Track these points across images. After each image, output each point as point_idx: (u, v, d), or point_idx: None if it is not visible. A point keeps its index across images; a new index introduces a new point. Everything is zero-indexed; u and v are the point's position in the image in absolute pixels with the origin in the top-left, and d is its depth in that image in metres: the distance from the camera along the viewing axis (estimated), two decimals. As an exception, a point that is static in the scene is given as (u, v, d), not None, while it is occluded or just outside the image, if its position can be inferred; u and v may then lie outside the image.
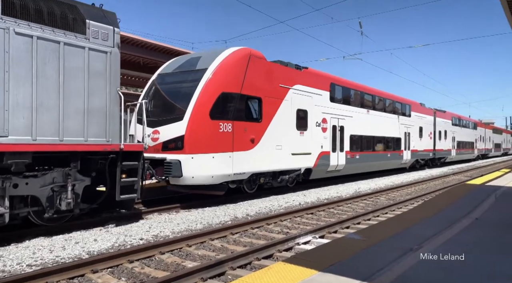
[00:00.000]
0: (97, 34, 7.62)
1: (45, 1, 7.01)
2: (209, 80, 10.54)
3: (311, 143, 14.29)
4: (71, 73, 7.18)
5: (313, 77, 14.75)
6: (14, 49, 6.46)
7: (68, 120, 7.12)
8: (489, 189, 11.50)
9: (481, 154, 46.77)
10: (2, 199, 6.45)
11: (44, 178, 7.08)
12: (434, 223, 6.45)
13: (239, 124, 11.08)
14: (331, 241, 6.22)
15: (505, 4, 7.85)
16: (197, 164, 10.11)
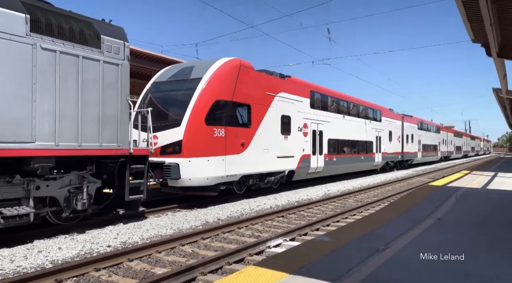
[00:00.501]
0: (110, 48, 8.32)
1: (66, 18, 7.68)
2: (204, 89, 11.30)
3: (294, 146, 15.20)
4: (88, 84, 7.85)
5: (295, 85, 15.72)
6: (40, 63, 7.06)
7: (85, 127, 7.78)
8: (450, 190, 12.02)
9: (444, 156, 49.19)
10: (26, 199, 7.04)
11: (62, 180, 7.68)
12: (400, 224, 6.67)
13: (231, 129, 11.90)
14: (301, 244, 6.30)
15: (463, 14, 8.28)
16: (194, 167, 10.81)
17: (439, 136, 44.81)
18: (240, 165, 12.26)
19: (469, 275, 4.06)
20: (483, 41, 10.38)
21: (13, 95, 6.72)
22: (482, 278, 4.01)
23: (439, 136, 45.10)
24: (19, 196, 7.00)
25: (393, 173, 27.15)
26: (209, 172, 11.18)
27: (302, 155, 15.80)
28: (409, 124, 32.57)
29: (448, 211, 8.02)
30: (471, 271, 4.20)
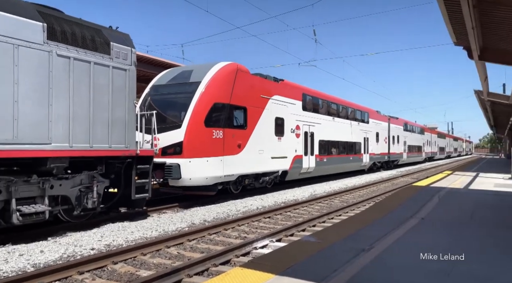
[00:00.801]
0: (118, 54, 8.77)
1: (78, 26, 8.11)
2: (203, 92, 11.75)
3: (287, 147, 15.75)
4: (98, 88, 8.28)
5: (288, 88, 16.28)
6: (56, 69, 7.51)
7: (96, 129, 8.21)
8: (433, 190, 12.23)
9: (428, 156, 50.27)
10: (41, 198, 7.44)
11: (74, 179, 8.10)
12: (385, 224, 6.75)
13: (228, 131, 12.36)
14: (287, 244, 6.31)
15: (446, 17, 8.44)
16: (194, 167, 11.24)
17: (423, 138, 45.83)
18: (237, 165, 12.73)
19: (450, 275, 4.13)
20: (465, 44, 10.59)
21: (32, 99, 7.14)
22: (464, 276, 4.09)
23: (424, 137, 46.14)
24: (35, 194, 7.37)
25: (378, 173, 27.48)
26: (208, 172, 11.61)
27: (295, 155, 16.31)
28: (395, 125, 33.33)
29: (431, 211, 8.15)
30: (453, 269, 4.27)
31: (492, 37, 10.04)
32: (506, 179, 17.18)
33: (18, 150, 6.93)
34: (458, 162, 52.64)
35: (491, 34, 9.77)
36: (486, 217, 7.64)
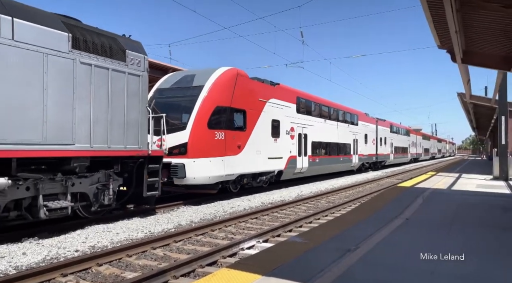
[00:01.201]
0: (133, 61, 9.39)
1: (98, 35, 8.73)
2: (206, 96, 12.43)
3: (283, 148, 16.46)
4: (115, 93, 8.88)
5: (283, 91, 17.00)
6: (79, 75, 8.08)
7: (113, 131, 8.81)
8: (417, 191, 12.43)
9: (413, 157, 51.51)
10: (64, 195, 8.06)
11: (92, 178, 8.72)
12: (370, 224, 6.82)
13: (229, 133, 13.03)
14: (274, 245, 6.32)
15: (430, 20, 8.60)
16: (198, 167, 11.89)
17: (409, 139, 46.98)
18: (237, 165, 13.40)
19: (434, 273, 4.21)
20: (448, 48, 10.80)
21: (58, 103, 7.71)
22: (447, 275, 4.16)
23: (409, 139, 47.33)
24: (58, 191, 7.97)
25: (364, 174, 27.78)
26: (211, 171, 12.27)
27: (289, 156, 17.03)
28: (383, 127, 34.31)
29: (416, 211, 8.28)
30: (436, 268, 4.35)
31: (474, 41, 10.26)
32: (488, 180, 17.57)
33: (46, 150, 7.48)
34: (441, 163, 53.61)
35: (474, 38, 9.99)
36: (469, 217, 7.80)
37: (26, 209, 7.52)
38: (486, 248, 5.33)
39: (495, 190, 13.20)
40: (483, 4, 7.28)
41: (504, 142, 17.02)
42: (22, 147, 7.09)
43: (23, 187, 7.29)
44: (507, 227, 6.86)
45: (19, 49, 7.10)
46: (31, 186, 7.40)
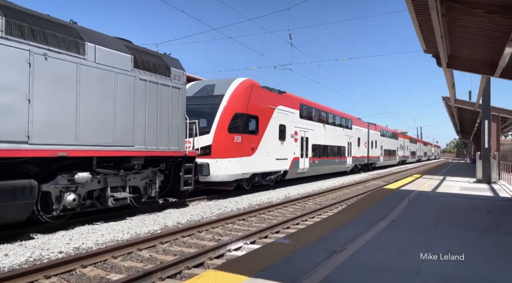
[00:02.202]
0: (175, 76, 11.11)
1: (150, 55, 10.54)
2: (226, 105, 14.27)
3: (288, 150, 18.24)
4: (162, 103, 10.61)
5: (289, 99, 18.80)
6: (138, 89, 9.82)
7: (161, 135, 10.50)
8: (403, 193, 12.59)
9: (401, 160, 53.54)
10: (123, 188, 9.73)
11: (143, 174, 10.38)
12: (356, 226, 6.89)
13: (245, 136, 14.85)
14: (261, 247, 6.33)
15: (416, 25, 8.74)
16: (220, 166, 13.64)
17: (397, 142, 48.98)
18: (251, 165, 15.20)
19: (419, 273, 4.27)
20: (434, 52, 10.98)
21: (124, 113, 9.41)
22: (432, 275, 4.23)
23: (397, 142, 49.34)
24: (119, 184, 9.64)
25: (350, 176, 28.08)
26: (230, 170, 14.02)
27: (293, 157, 18.82)
28: (373, 131, 36.24)
29: (401, 213, 8.39)
30: (421, 269, 4.42)
31: (459, 46, 10.46)
32: (471, 183, 17.91)
33: (116, 150, 9.22)
34: (426, 165, 54.47)
35: (459, 43, 10.19)
36: (453, 219, 7.94)
37: (96, 199, 9.25)
38: (470, 249, 5.43)
39: (478, 192, 13.47)
40: (468, 9, 7.43)
41: (487, 145, 17.37)
42: (100, 148, 8.81)
43: (96, 180, 9.03)
44: (490, 228, 7.00)
45: (99, 70, 8.84)
46: (101, 180, 9.18)
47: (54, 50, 7.86)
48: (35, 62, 7.51)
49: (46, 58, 7.71)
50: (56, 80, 7.91)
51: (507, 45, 8.08)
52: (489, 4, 7.26)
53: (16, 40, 7.22)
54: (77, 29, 8.70)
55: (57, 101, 7.92)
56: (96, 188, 9.08)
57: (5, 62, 7.09)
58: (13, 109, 7.16)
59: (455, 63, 11.56)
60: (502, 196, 12.62)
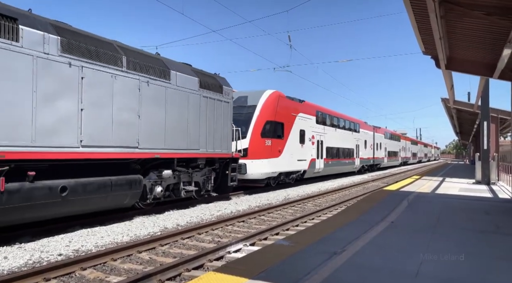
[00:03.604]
0: (226, 93, 13.63)
1: (208, 76, 13.01)
2: (259, 114, 16.95)
3: (306, 152, 20.86)
4: (217, 115, 13.11)
5: (307, 107, 21.41)
6: (202, 105, 12.36)
7: (216, 140, 12.99)
8: (402, 195, 12.60)
9: (403, 161, 55.82)
10: (189, 182, 12.15)
11: (202, 171, 12.79)
12: (356, 227, 6.89)
13: (274, 140, 17.44)
14: (261, 248, 6.32)
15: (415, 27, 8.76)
16: (254, 166, 16.27)
17: (399, 144, 51.34)
18: (278, 165, 17.78)
19: (419, 275, 4.27)
20: (433, 54, 11.01)
21: (193, 124, 11.94)
22: (431, 277, 4.23)
23: (400, 144, 51.72)
24: (187, 180, 12.10)
25: (350, 178, 28.16)
26: (262, 169, 16.62)
27: (311, 158, 21.43)
28: (378, 134, 39.03)
29: (400, 215, 8.39)
30: (420, 271, 4.42)
31: (458, 48, 10.48)
32: (470, 184, 17.92)
33: (189, 153, 11.76)
34: (426, 167, 54.55)
35: (457, 45, 10.21)
36: (452, 220, 7.94)
37: (172, 191, 11.63)
38: (469, 250, 5.43)
39: (477, 193, 13.48)
40: (466, 11, 7.46)
41: (486, 147, 17.39)
42: (178, 151, 11.32)
43: (173, 176, 11.41)
44: (489, 230, 7.00)
45: (179, 91, 11.36)
46: (177, 176, 11.60)
47: (153, 78, 10.42)
48: (141, 88, 10.05)
49: (148, 84, 10.27)
50: (153, 101, 10.40)
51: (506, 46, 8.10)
52: (487, 6, 7.28)
53: (132, 72, 9.74)
54: (163, 60, 11.21)
55: (153, 116, 10.41)
56: (173, 182, 11.58)
57: (126, 89, 9.55)
58: (130, 123, 9.67)
59: (454, 65, 11.59)
60: (501, 197, 12.63)
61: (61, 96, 7.98)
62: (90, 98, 8.58)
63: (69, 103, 8.14)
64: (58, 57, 7.96)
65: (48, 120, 7.69)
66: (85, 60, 8.51)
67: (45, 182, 7.59)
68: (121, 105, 9.37)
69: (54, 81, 7.85)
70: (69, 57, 8.16)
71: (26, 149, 7.25)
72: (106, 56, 9.05)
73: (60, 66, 7.98)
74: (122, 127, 9.38)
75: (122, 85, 9.40)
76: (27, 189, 7.25)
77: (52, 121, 7.77)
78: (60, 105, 7.96)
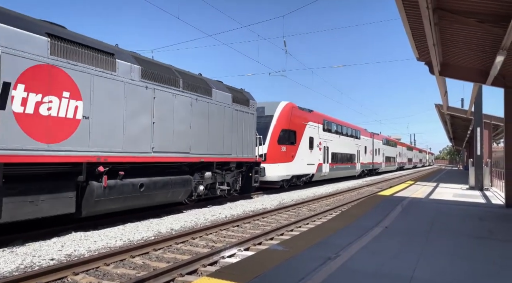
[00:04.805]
0: (251, 105, 15.96)
1: (237, 92, 15.27)
2: (276, 123, 19.26)
3: (315, 157, 23.16)
4: (245, 125, 15.37)
5: (315, 116, 23.76)
6: (234, 117, 14.60)
7: (243, 146, 15.13)
8: (396, 200, 12.64)
9: (400, 166, 57.93)
10: (222, 183, 14.17)
11: (232, 173, 14.87)
12: (350, 232, 6.89)
13: (288, 146, 19.66)
14: (255, 253, 6.29)
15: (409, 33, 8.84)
16: (272, 169, 18.42)
17: (396, 150, 53.42)
18: (291, 169, 19.94)
19: (412, 280, 4.27)
20: (426, 60, 11.09)
21: (228, 133, 14.12)
22: (426, 282, 4.24)
23: (396, 150, 53.79)
24: (221, 180, 14.13)
25: (343, 183, 28.20)
26: (279, 172, 18.79)
27: (318, 163, 23.72)
28: (377, 140, 41.18)
29: (395, 220, 8.41)
30: (415, 275, 4.42)
31: (451, 54, 10.59)
32: (464, 190, 18.02)
33: (224, 157, 13.95)
34: (420, 172, 54.83)
35: (451, 51, 10.31)
36: (446, 225, 7.97)
37: (209, 190, 13.59)
38: (463, 256, 5.45)
39: (471, 199, 13.55)
40: (460, 19, 7.54)
41: (480, 153, 17.52)
42: (217, 156, 13.44)
43: (210, 177, 13.41)
44: (482, 235, 7.04)
45: (218, 106, 13.54)
46: (213, 177, 13.62)
47: (200, 96, 12.59)
48: (192, 104, 12.18)
49: (197, 101, 12.43)
50: (200, 114, 12.57)
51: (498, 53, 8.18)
52: (481, 13, 7.37)
53: (186, 92, 11.95)
54: (206, 80, 13.45)
55: (200, 127, 12.55)
56: (211, 182, 13.54)
57: (182, 105, 11.72)
58: (185, 133, 11.85)
59: (447, 71, 11.69)
60: (494, 202, 12.71)
61: (140, 113, 10.16)
62: (158, 114, 10.77)
63: (145, 119, 10.34)
64: (139, 82, 10.15)
65: (132, 132, 9.86)
66: (156, 83, 10.72)
67: (130, 179, 9.80)
68: (179, 119, 11.58)
69: (136, 101, 10.00)
70: (146, 82, 10.37)
71: (119, 154, 9.44)
72: (169, 79, 11.26)
73: (140, 89, 10.18)
74: (179, 136, 11.58)
75: (179, 102, 11.60)
76: (119, 185, 9.45)
77: (135, 133, 9.94)
78: (140, 120, 10.14)
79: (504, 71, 10.69)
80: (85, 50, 8.67)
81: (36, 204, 7.53)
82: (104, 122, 9.00)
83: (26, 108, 7.33)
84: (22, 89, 7.27)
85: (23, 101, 7.28)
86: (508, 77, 11.10)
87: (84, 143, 8.53)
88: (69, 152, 8.16)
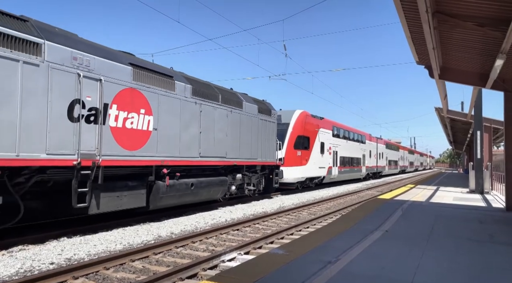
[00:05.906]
0: (273, 115, 17.83)
1: (262, 103, 17.33)
2: (292, 130, 21.05)
3: (325, 161, 25.04)
4: (268, 133, 17.26)
5: (326, 123, 25.72)
6: (259, 126, 16.55)
7: (266, 151, 16.97)
8: (397, 203, 12.61)
9: (402, 169, 59.59)
10: (249, 184, 16.27)
11: (256, 175, 16.65)
12: (350, 236, 6.88)
13: (302, 151, 21.58)
14: (255, 257, 6.27)
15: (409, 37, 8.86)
16: (289, 172, 20.23)
17: (398, 154, 55.42)
18: (305, 172, 21.85)
19: (414, 285, 4.26)
20: (426, 64, 11.12)
21: (254, 139, 16.00)
22: (426, 287, 4.22)
23: (399, 153, 55.84)
24: (248, 181, 16.14)
25: (344, 186, 28.18)
26: (295, 175, 20.65)
27: (328, 166, 25.59)
28: (381, 145, 43.09)
29: (394, 224, 8.39)
30: (416, 280, 4.41)
31: (451, 58, 10.61)
32: (464, 193, 18.00)
33: (251, 161, 15.79)
34: (420, 175, 54.82)
35: (451, 55, 10.33)
36: (446, 229, 7.95)
37: (238, 190, 15.50)
38: (464, 259, 5.44)
39: (471, 202, 13.53)
40: (459, 22, 7.56)
41: (480, 156, 17.51)
42: (246, 160, 15.33)
43: (241, 179, 15.40)
44: (483, 239, 7.02)
45: (247, 116, 15.51)
46: (243, 178, 15.57)
47: (234, 108, 14.60)
48: (228, 115, 14.16)
49: (231, 112, 14.41)
50: (233, 124, 14.52)
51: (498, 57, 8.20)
52: (480, 17, 7.39)
53: (224, 105, 13.92)
54: (237, 93, 15.46)
55: (233, 135, 14.49)
56: (240, 183, 15.54)
57: (220, 116, 13.68)
58: (222, 141, 13.74)
59: (447, 75, 11.70)
60: (495, 206, 12.69)
61: (191, 124, 12.13)
62: (204, 124, 12.75)
63: (194, 129, 12.29)
64: (190, 99, 12.14)
65: (185, 140, 11.82)
66: (202, 99, 12.72)
67: (183, 180, 11.73)
68: (218, 128, 13.51)
69: (188, 114, 12.00)
70: (195, 98, 12.36)
71: (177, 158, 11.38)
72: (211, 95, 13.26)
73: (191, 105, 12.16)
74: (218, 143, 13.48)
75: (218, 114, 13.58)
76: (177, 184, 11.41)
77: (187, 141, 11.89)
78: (191, 130, 12.09)
79: (504, 75, 10.71)
80: (154, 74, 10.70)
81: (120, 199, 9.50)
82: (167, 132, 11.02)
83: (117, 123, 9.38)
84: (115, 108, 9.34)
85: (115, 118, 9.34)
86: (508, 81, 11.11)
87: (154, 149, 10.52)
88: (144, 157, 10.19)
